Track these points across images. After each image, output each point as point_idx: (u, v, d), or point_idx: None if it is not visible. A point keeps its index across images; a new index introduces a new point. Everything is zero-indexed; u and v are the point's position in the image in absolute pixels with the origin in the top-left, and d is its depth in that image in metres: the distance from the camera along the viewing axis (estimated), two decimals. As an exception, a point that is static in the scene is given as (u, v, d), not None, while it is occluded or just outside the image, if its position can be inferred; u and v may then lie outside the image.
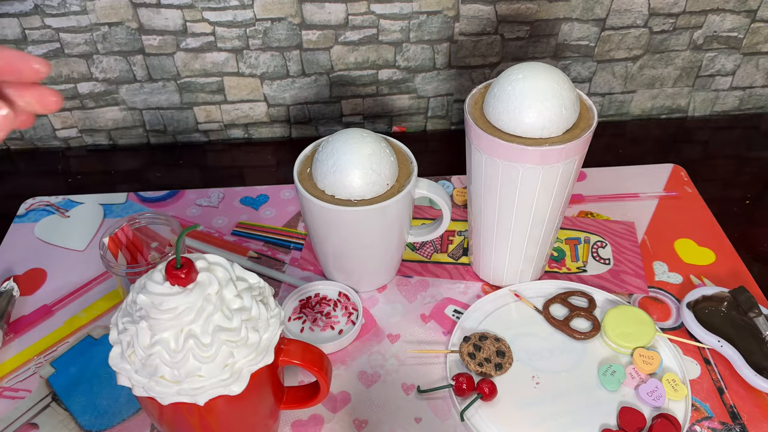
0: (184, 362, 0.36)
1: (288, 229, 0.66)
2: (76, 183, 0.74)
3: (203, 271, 0.37)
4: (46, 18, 0.69)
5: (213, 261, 0.39)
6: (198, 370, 0.36)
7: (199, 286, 0.36)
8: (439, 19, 0.72)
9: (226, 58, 0.73)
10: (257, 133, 0.81)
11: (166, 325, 0.36)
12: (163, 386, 0.36)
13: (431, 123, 0.82)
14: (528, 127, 0.47)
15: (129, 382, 0.38)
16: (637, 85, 0.80)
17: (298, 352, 0.42)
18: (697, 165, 0.73)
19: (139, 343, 0.36)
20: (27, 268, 0.62)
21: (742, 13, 0.74)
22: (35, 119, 0.35)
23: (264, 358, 0.39)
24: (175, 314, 0.36)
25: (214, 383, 0.37)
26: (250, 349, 0.38)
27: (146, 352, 0.36)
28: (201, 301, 0.36)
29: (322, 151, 0.51)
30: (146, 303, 0.36)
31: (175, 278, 0.36)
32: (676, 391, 0.49)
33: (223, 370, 0.37)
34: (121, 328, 0.38)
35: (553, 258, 0.62)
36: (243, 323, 0.37)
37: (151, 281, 0.37)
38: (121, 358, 0.37)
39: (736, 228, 0.65)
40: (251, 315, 0.38)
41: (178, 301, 0.36)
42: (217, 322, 0.36)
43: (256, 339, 0.38)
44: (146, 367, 0.36)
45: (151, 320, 0.36)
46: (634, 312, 0.54)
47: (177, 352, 0.36)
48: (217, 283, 0.37)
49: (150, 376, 0.36)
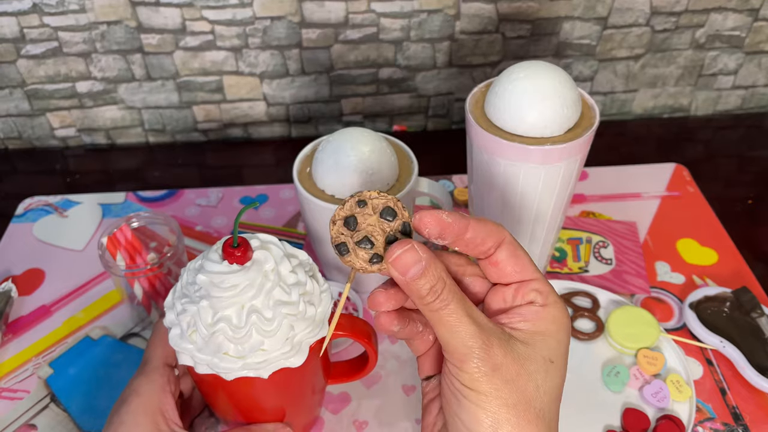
0: (247, 337, 0.37)
1: (288, 229, 0.65)
2: (75, 182, 0.74)
3: (258, 249, 0.38)
4: (44, 17, 0.69)
5: (265, 239, 0.40)
6: (261, 344, 0.37)
7: (257, 264, 0.38)
8: (439, 18, 0.72)
9: (226, 56, 0.73)
10: (257, 133, 0.81)
11: (228, 303, 0.37)
12: (228, 362, 0.37)
13: (432, 122, 0.82)
14: (529, 126, 0.47)
15: (191, 360, 0.38)
16: (639, 84, 0.80)
17: (347, 324, 0.43)
18: (699, 164, 0.73)
19: (202, 322, 0.37)
20: (25, 269, 0.61)
21: (744, 12, 0.74)
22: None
23: (320, 331, 0.40)
24: (237, 291, 0.37)
25: (276, 356, 0.38)
26: (308, 322, 0.39)
27: (209, 330, 0.37)
28: (260, 278, 0.37)
29: (321, 151, 0.51)
30: (206, 282, 0.37)
31: (233, 257, 0.37)
32: (681, 392, 0.49)
33: (285, 343, 0.38)
34: (179, 309, 0.38)
35: (555, 258, 0.62)
36: (300, 297, 0.38)
37: (209, 261, 0.38)
38: (182, 338, 0.38)
39: (739, 228, 0.65)
40: (306, 289, 0.39)
41: (238, 279, 0.37)
42: (277, 297, 0.38)
43: (312, 312, 0.39)
44: (209, 344, 0.37)
45: (212, 299, 0.37)
46: (638, 313, 0.53)
47: (240, 328, 0.37)
48: (273, 260, 0.38)
49: (214, 353, 0.37)
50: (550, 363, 0.33)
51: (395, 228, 0.33)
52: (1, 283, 0.58)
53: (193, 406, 0.47)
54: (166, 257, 0.52)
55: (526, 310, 0.34)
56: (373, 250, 0.33)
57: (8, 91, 0.74)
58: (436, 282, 0.31)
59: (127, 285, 0.53)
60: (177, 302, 0.39)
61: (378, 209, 0.33)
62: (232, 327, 0.37)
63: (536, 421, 0.32)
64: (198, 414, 0.49)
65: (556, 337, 0.33)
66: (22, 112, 0.76)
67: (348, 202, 0.33)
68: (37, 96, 0.75)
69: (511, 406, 0.31)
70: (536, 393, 0.32)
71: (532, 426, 0.31)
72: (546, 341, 0.33)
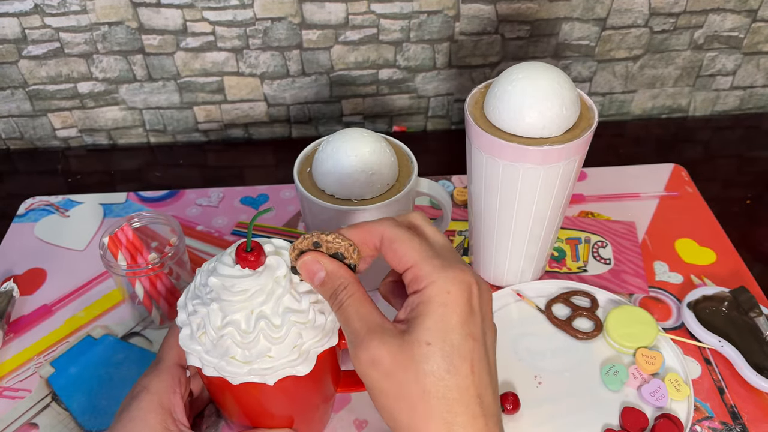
0: (255, 343, 0.37)
1: (288, 229, 0.66)
2: (76, 183, 0.74)
3: (271, 255, 0.38)
4: (45, 17, 0.69)
5: (279, 245, 0.39)
6: (268, 351, 0.37)
7: (269, 269, 0.37)
8: (439, 19, 0.72)
9: (226, 57, 0.73)
10: (257, 133, 0.81)
11: (238, 307, 0.37)
12: (234, 366, 0.37)
13: (431, 122, 0.82)
14: (528, 126, 0.47)
15: (199, 362, 0.39)
16: (637, 84, 0.80)
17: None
18: (697, 165, 0.73)
19: (211, 324, 0.37)
20: (27, 268, 0.62)
21: (742, 13, 0.74)
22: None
23: (329, 340, 0.40)
24: (247, 296, 0.37)
25: (283, 363, 0.38)
26: (317, 330, 0.39)
27: (218, 333, 0.37)
28: (271, 284, 0.37)
29: (322, 151, 0.51)
30: (218, 285, 0.37)
31: (246, 261, 0.37)
32: (679, 391, 0.49)
33: (292, 350, 0.38)
34: (190, 310, 0.38)
35: (554, 258, 0.62)
36: (311, 305, 0.38)
37: (222, 264, 0.38)
38: (191, 339, 0.38)
39: (737, 228, 0.65)
40: (318, 298, 0.39)
41: (249, 284, 0.37)
42: (287, 304, 0.37)
43: (322, 321, 0.39)
44: (217, 347, 0.37)
45: (222, 302, 0.37)
46: (637, 312, 0.53)
47: (248, 333, 0.37)
48: (285, 266, 0.38)
49: (221, 357, 0.37)
50: (427, 346, 0.32)
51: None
52: (3, 283, 0.58)
53: (196, 405, 0.47)
54: (167, 257, 0.52)
55: (410, 300, 0.34)
56: None
57: (10, 91, 0.74)
58: (334, 289, 0.36)
59: (128, 284, 0.53)
60: (189, 303, 0.39)
61: (330, 252, 0.37)
62: (240, 332, 0.37)
63: (423, 406, 0.32)
64: (200, 412, 0.49)
65: (433, 317, 0.33)
66: (23, 113, 0.76)
67: (306, 240, 0.37)
68: (39, 96, 0.75)
69: (393, 398, 0.33)
70: (418, 379, 0.32)
71: (419, 411, 0.32)
72: (423, 325, 0.33)
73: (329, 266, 0.36)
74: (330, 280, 0.36)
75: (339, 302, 0.36)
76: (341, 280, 0.36)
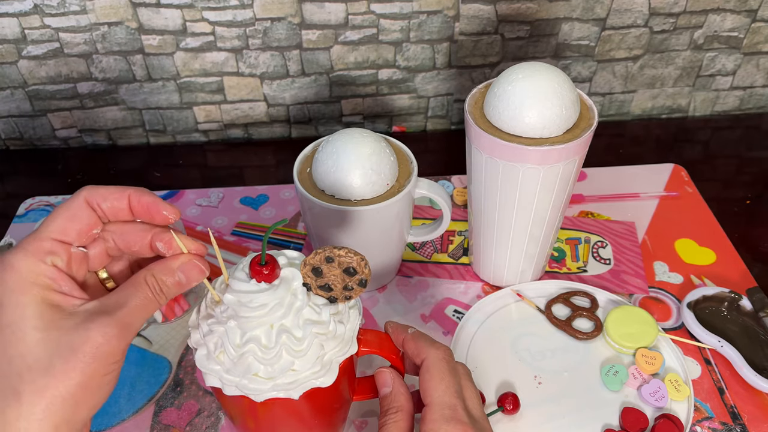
0: (277, 358, 0.36)
1: (288, 229, 0.66)
2: (76, 183, 0.74)
3: (285, 267, 0.37)
4: (45, 18, 0.69)
5: (292, 256, 0.39)
6: (292, 365, 0.36)
7: (285, 282, 0.36)
8: (439, 19, 0.72)
9: (226, 57, 0.73)
10: (257, 133, 0.81)
11: (257, 322, 0.36)
12: (257, 383, 0.36)
13: (431, 123, 0.82)
14: (528, 126, 0.47)
15: (219, 382, 0.37)
16: (637, 84, 0.80)
17: (375, 341, 0.42)
18: (697, 165, 0.73)
19: (230, 342, 0.36)
20: (26, 269, 0.62)
21: (742, 13, 0.74)
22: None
23: (350, 349, 0.39)
24: (266, 310, 0.36)
25: (307, 376, 0.37)
26: (338, 340, 0.38)
27: (238, 351, 0.36)
28: (289, 296, 0.36)
29: (322, 151, 0.51)
30: (234, 302, 0.36)
31: (261, 275, 0.36)
32: (679, 391, 0.49)
33: (315, 362, 0.37)
34: (205, 330, 0.37)
35: (554, 258, 0.62)
36: (331, 316, 0.38)
37: (236, 280, 0.36)
38: (209, 359, 0.37)
39: (737, 228, 0.65)
40: (339, 309, 0.38)
41: (267, 298, 0.36)
42: (307, 316, 0.37)
43: (342, 330, 0.38)
44: (238, 365, 0.36)
45: (240, 318, 0.36)
46: (637, 312, 0.53)
47: (270, 348, 0.36)
48: (300, 278, 0.37)
49: (243, 375, 0.36)
50: None
51: (354, 281, 0.37)
52: (3, 283, 0.58)
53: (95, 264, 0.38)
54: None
55: None
56: (330, 293, 0.38)
57: (9, 91, 0.74)
58: (389, 407, 0.40)
59: (128, 285, 0.53)
60: (203, 323, 0.38)
61: (343, 266, 0.37)
62: (262, 347, 0.35)
63: None
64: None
65: None
66: (23, 113, 0.76)
67: (318, 255, 0.36)
68: (39, 97, 0.75)
69: None
70: None
71: None
72: None
73: (395, 386, 0.40)
74: (390, 397, 0.40)
75: (384, 421, 0.39)
76: (397, 404, 0.39)
